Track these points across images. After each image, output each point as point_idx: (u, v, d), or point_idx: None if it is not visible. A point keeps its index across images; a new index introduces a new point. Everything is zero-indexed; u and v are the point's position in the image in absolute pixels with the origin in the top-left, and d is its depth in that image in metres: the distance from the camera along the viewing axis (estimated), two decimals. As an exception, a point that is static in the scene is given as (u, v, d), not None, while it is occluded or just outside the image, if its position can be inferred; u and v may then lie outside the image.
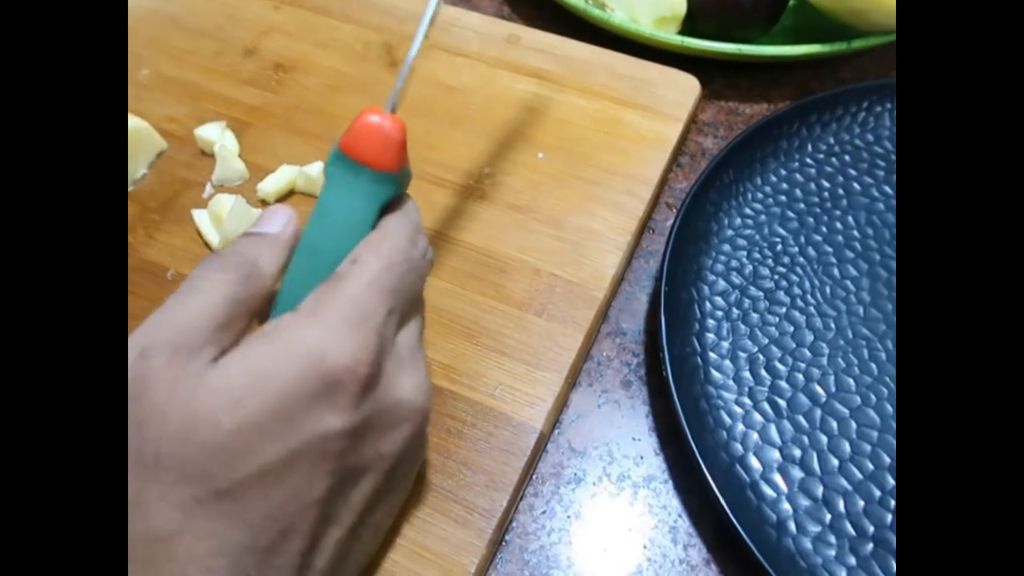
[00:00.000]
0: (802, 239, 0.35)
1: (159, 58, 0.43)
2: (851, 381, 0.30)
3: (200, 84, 0.41)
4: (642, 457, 0.30)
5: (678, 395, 0.29)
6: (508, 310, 0.32)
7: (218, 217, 0.33)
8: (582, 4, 0.43)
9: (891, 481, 0.28)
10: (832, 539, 0.27)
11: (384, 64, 0.42)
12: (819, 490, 0.28)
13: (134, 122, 0.36)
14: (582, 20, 0.44)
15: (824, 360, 0.31)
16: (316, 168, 0.35)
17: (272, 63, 0.42)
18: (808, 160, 0.37)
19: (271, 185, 0.35)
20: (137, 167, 0.37)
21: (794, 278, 0.33)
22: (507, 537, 0.28)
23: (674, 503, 0.29)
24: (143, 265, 0.34)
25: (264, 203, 0.36)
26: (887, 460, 0.28)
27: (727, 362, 0.31)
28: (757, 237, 0.35)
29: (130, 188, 0.37)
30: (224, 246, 0.33)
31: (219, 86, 0.41)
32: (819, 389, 0.30)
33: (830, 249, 0.34)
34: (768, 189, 0.36)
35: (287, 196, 0.36)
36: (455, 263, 0.33)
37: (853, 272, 0.33)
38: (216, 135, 0.37)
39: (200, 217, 0.35)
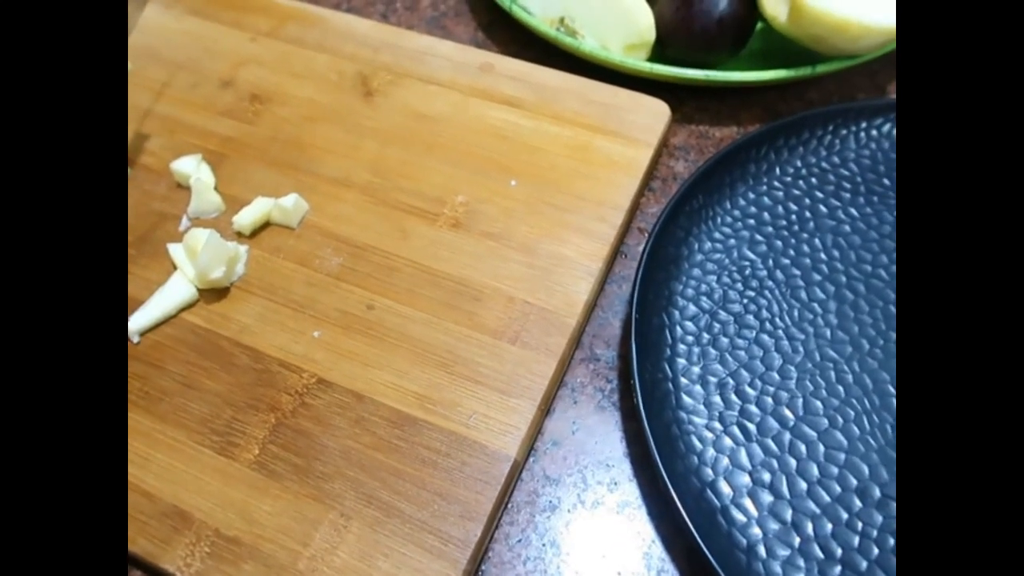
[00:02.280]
0: (770, 262, 0.35)
1: (135, 91, 0.43)
2: (819, 404, 0.31)
3: (176, 116, 0.42)
4: (616, 483, 0.30)
5: (649, 421, 0.29)
6: (482, 338, 0.32)
7: (193, 251, 0.34)
8: (553, 32, 0.44)
9: (858, 503, 0.28)
10: (801, 563, 0.27)
11: (359, 94, 0.42)
12: (788, 513, 0.28)
13: None
14: (552, 47, 0.45)
15: (792, 383, 0.31)
16: (291, 200, 0.36)
17: (248, 94, 0.43)
18: (776, 183, 0.38)
19: (246, 217, 0.36)
20: None
21: (763, 302, 0.34)
22: (483, 567, 0.28)
23: (647, 529, 0.29)
24: (119, 300, 0.34)
25: (240, 235, 0.36)
26: (854, 482, 0.29)
27: (697, 387, 0.31)
28: (726, 261, 0.35)
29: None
30: (199, 280, 0.33)
31: (195, 118, 0.42)
32: (788, 412, 0.31)
33: (798, 272, 0.35)
34: (737, 213, 0.37)
35: (263, 228, 0.37)
36: (430, 292, 0.34)
37: (820, 295, 0.34)
38: (192, 168, 0.38)
39: (175, 251, 0.35)
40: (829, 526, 0.28)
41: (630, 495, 0.30)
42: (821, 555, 0.27)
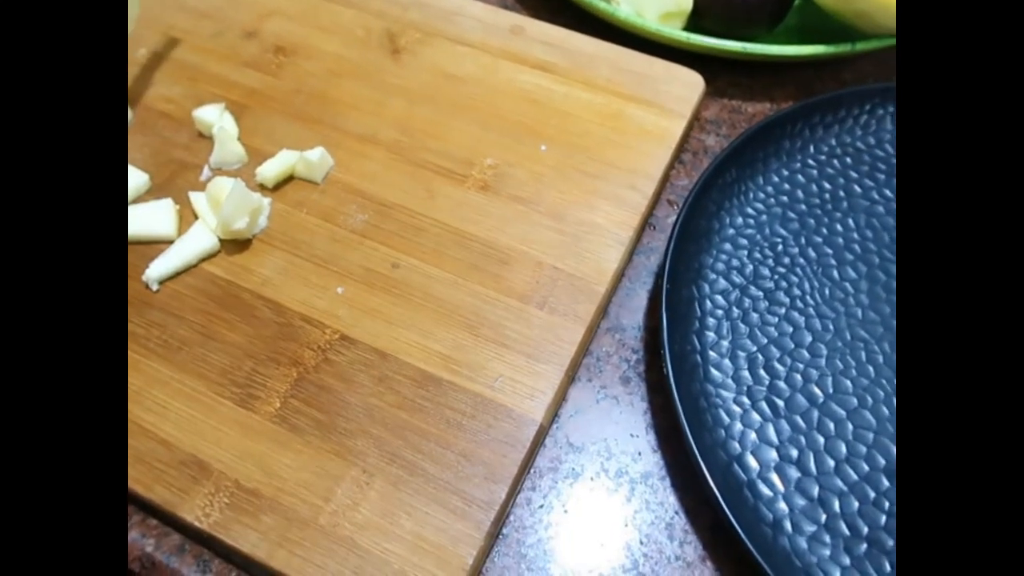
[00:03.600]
0: (802, 240, 0.35)
1: (157, 38, 0.42)
2: (848, 383, 0.30)
3: (198, 65, 0.41)
4: (640, 453, 0.30)
5: (678, 393, 0.29)
6: (509, 302, 0.32)
7: (216, 200, 0.33)
8: (588, -3, 0.42)
9: (886, 482, 0.28)
10: (827, 539, 0.27)
11: (386, 51, 0.41)
12: (815, 490, 0.28)
13: None
14: (586, 13, 0.44)
15: (822, 361, 0.31)
16: (317, 153, 0.35)
17: (273, 46, 0.42)
18: (810, 161, 0.37)
19: (270, 169, 0.35)
20: None
21: (794, 279, 0.33)
22: (504, 531, 0.28)
23: (671, 500, 0.29)
24: (139, 248, 0.33)
25: (263, 188, 0.35)
26: (882, 462, 0.29)
27: (726, 361, 0.31)
28: (758, 237, 0.35)
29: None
30: (221, 230, 0.33)
31: (218, 68, 0.41)
32: (817, 390, 0.30)
33: (830, 251, 0.34)
34: (770, 189, 0.36)
35: (286, 181, 0.36)
36: (456, 253, 0.33)
37: (852, 274, 0.34)
38: (215, 117, 0.37)
39: (198, 200, 0.34)
40: (856, 504, 0.28)
41: (654, 466, 0.30)
42: (847, 532, 0.27)
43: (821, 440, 0.29)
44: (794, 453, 0.29)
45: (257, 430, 0.28)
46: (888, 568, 0.26)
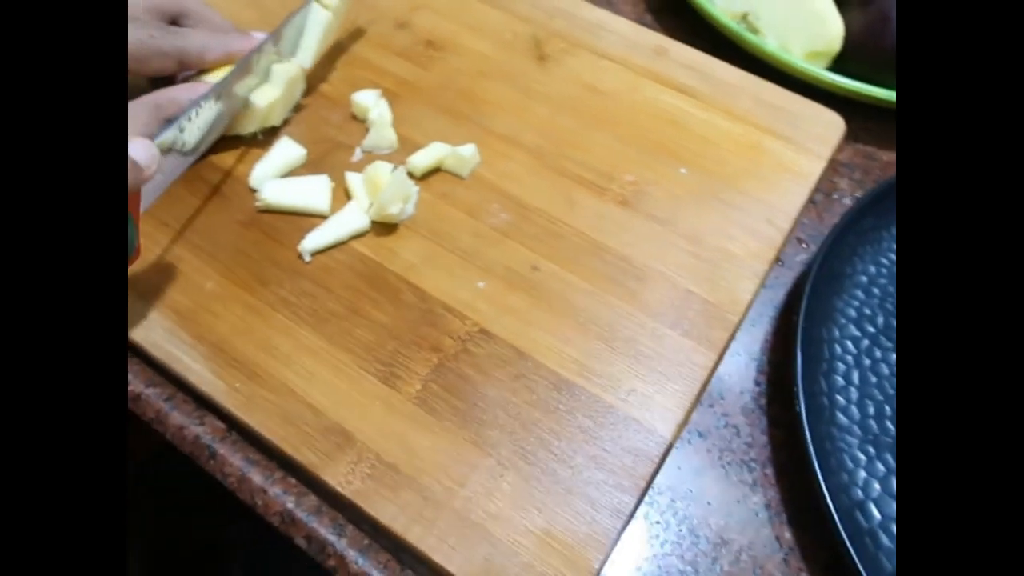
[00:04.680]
0: (936, 296, 0.35)
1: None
2: (976, 445, 0.30)
3: (354, 50, 0.42)
4: (758, 485, 0.30)
5: (810, 431, 0.29)
6: (643, 319, 0.32)
7: (373, 183, 0.34)
8: (735, 25, 0.43)
9: (1009, 551, 0.28)
10: (947, 598, 0.27)
11: (532, 57, 0.42)
12: (937, 547, 0.28)
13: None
14: (721, 41, 0.44)
15: (951, 420, 0.31)
16: (469, 149, 0.36)
17: (423, 39, 0.43)
18: (948, 218, 0.37)
19: (422, 160, 0.36)
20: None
21: (925, 334, 0.33)
22: (620, 538, 0.29)
23: (786, 535, 0.29)
24: (293, 218, 0.35)
25: (411, 176, 0.37)
26: (1006, 529, 0.29)
27: (853, 407, 0.31)
28: (891, 288, 0.35)
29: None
30: (376, 212, 0.34)
31: (371, 54, 0.42)
32: (944, 448, 0.30)
33: (963, 311, 0.34)
34: (905, 241, 0.36)
35: (432, 172, 0.37)
36: (593, 264, 0.34)
37: (985, 337, 0.33)
38: (372, 102, 0.38)
39: (353, 180, 0.36)
40: (978, 568, 0.28)
41: (772, 499, 0.30)
42: (968, 595, 0.27)
43: (945, 499, 0.29)
44: (917, 508, 0.29)
45: (398, 408, 0.30)
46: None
